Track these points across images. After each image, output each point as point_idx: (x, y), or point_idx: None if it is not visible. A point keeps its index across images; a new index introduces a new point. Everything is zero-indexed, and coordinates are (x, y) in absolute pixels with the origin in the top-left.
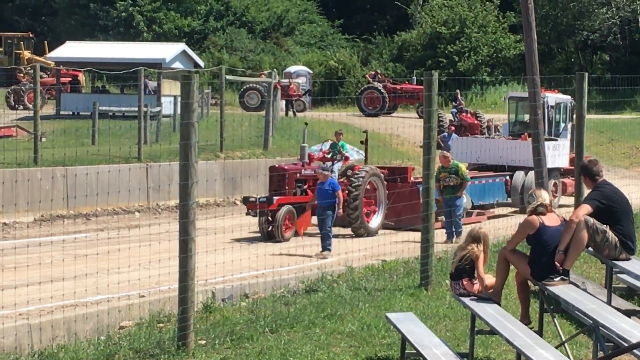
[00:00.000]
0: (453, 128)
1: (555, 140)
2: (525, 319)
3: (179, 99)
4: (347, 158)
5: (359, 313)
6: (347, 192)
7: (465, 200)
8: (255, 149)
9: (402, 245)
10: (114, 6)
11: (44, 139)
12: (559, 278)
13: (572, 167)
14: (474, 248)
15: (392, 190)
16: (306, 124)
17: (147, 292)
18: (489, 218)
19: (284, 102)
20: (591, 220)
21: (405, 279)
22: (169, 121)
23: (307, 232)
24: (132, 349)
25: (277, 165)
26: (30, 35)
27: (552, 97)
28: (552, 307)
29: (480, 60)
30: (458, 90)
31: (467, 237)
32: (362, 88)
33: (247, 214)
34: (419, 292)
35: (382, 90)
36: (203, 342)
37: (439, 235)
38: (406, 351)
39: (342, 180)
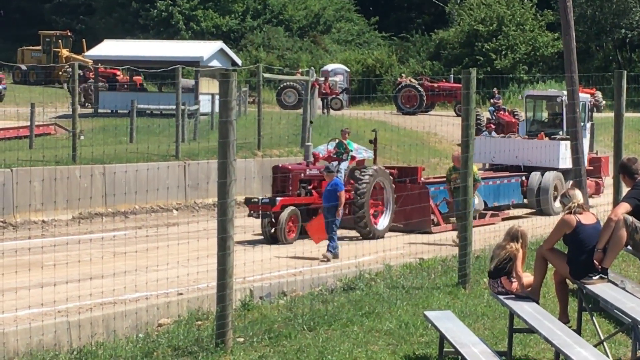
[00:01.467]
0: (492, 127)
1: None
2: (564, 318)
3: (216, 97)
4: (353, 157)
5: (396, 311)
6: (353, 192)
7: (477, 202)
8: (293, 147)
9: (440, 243)
10: (154, 5)
11: (82, 137)
12: (597, 276)
13: (591, 168)
14: (513, 246)
15: (401, 192)
16: (311, 122)
17: (186, 289)
18: (503, 219)
19: (321, 100)
20: (630, 218)
21: (443, 277)
22: (206, 119)
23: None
24: (170, 347)
25: (280, 165)
26: (69, 34)
27: None
28: (590, 305)
29: (517, 58)
30: (496, 89)
31: (506, 236)
32: (400, 86)
33: (250, 215)
34: (456, 291)
35: (420, 89)
36: (241, 339)
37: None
38: (444, 349)
39: (349, 180)
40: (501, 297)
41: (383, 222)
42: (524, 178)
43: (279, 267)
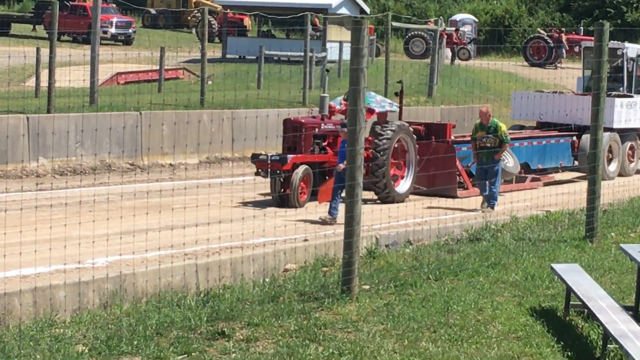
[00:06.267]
0: None
1: (631, 97)
2: None
3: (344, 45)
4: (372, 111)
5: (522, 263)
6: (372, 149)
7: (512, 164)
8: (420, 97)
9: (567, 196)
10: None
11: (210, 82)
12: None
13: None
14: None
15: (426, 151)
16: (327, 70)
17: (314, 235)
18: (545, 184)
19: (449, 50)
20: None
21: (569, 230)
22: (334, 67)
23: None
24: (296, 292)
25: (292, 118)
26: None
27: (633, 48)
28: None
29: None
30: (626, 42)
31: None
32: (528, 37)
33: (257, 174)
34: (583, 244)
35: (549, 40)
36: (367, 287)
37: (474, 202)
38: (571, 302)
39: (369, 138)
40: (630, 251)
41: (404, 184)
42: (575, 138)
43: (406, 216)
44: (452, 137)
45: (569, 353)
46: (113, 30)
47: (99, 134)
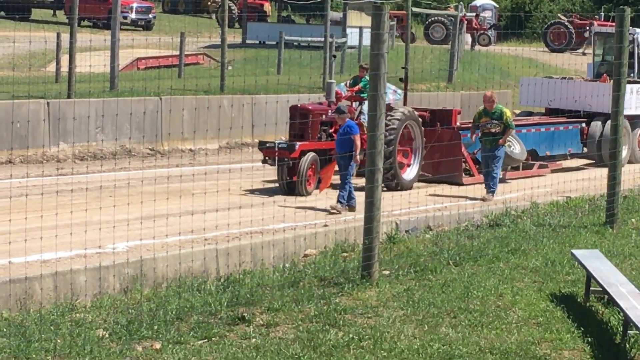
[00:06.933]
0: None
1: None
2: None
3: (364, 30)
4: None
5: (543, 249)
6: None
7: (519, 150)
8: (440, 82)
9: (588, 182)
10: None
11: (230, 67)
12: None
13: None
14: None
15: (431, 138)
16: (334, 56)
17: (334, 221)
18: (553, 171)
19: (469, 35)
20: None
21: (590, 216)
22: (354, 52)
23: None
24: (316, 277)
25: (299, 105)
26: None
27: None
28: None
29: None
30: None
31: None
32: (549, 23)
33: (264, 162)
34: (604, 230)
35: (569, 26)
36: (387, 272)
37: (478, 190)
38: (591, 288)
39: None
40: None
41: (411, 172)
42: (584, 125)
43: (426, 202)
44: (458, 124)
45: (589, 339)
46: (133, 15)
47: (120, 119)
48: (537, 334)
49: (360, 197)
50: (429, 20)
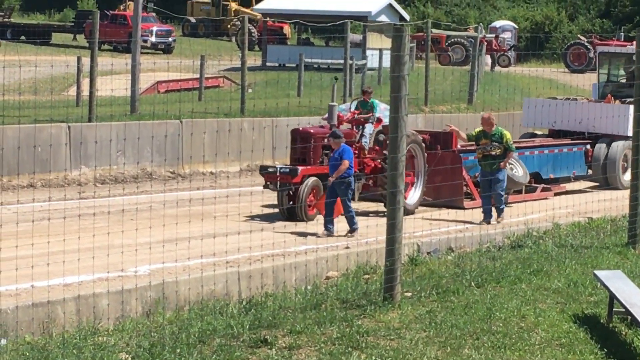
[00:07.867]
0: None
1: None
2: None
3: (384, 52)
4: (380, 120)
5: (565, 270)
6: (380, 160)
7: (521, 174)
8: (460, 103)
9: (610, 203)
10: None
11: (250, 90)
12: None
13: None
14: None
15: (431, 161)
16: (336, 78)
17: (355, 243)
18: (556, 194)
19: (489, 57)
20: None
21: (612, 237)
22: (374, 74)
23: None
24: (338, 299)
25: (300, 128)
26: None
27: None
28: None
29: None
30: None
31: None
32: (569, 44)
33: (265, 187)
34: (626, 251)
35: (589, 47)
36: (409, 294)
37: (476, 214)
38: (614, 309)
39: (374, 146)
40: None
41: (413, 196)
42: (588, 147)
43: (448, 224)
44: (459, 146)
45: None
46: (153, 39)
47: (141, 142)
48: (561, 355)
49: (363, 222)
50: (449, 41)
